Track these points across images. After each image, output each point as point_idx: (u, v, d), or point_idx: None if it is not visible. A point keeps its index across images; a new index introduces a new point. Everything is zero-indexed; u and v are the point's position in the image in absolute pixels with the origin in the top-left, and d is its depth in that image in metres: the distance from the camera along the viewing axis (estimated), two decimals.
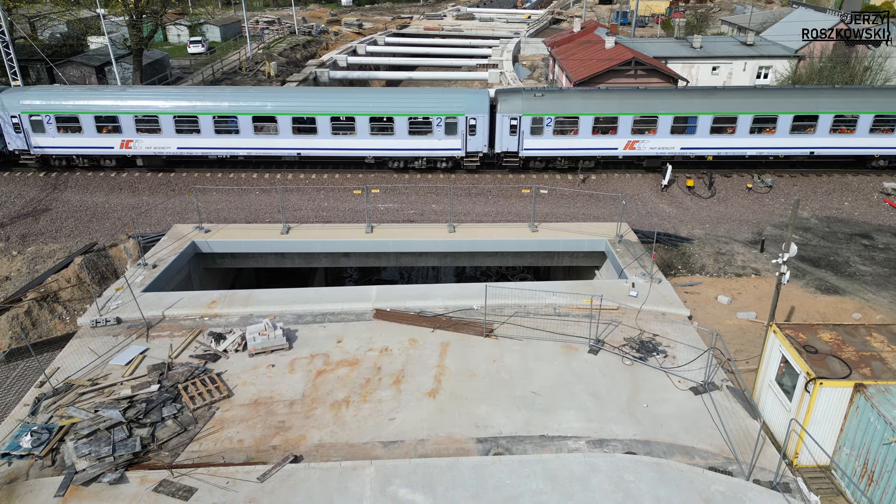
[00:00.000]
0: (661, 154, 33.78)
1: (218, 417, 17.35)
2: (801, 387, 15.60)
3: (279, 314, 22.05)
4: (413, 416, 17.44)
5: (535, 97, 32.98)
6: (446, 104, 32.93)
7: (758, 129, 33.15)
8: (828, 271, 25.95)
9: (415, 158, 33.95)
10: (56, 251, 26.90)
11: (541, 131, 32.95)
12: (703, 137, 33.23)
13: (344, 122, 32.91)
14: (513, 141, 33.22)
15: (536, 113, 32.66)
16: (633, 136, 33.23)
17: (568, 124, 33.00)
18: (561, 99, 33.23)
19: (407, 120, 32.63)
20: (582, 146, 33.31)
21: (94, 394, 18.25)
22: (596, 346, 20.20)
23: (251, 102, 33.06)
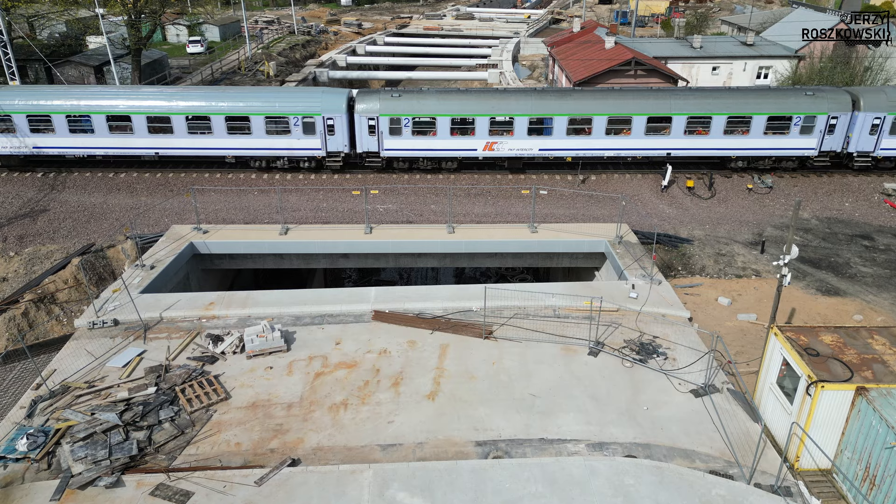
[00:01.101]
0: (520, 155, 33.56)
1: (215, 420, 17.23)
2: (802, 390, 15.49)
3: (277, 316, 21.93)
4: (412, 418, 17.33)
5: (392, 97, 32.77)
6: (303, 103, 32.62)
7: (614, 130, 32.97)
8: (828, 273, 25.85)
9: (276, 158, 33.74)
10: (54, 252, 26.77)
11: (399, 132, 32.77)
12: (561, 139, 33.02)
13: (200, 120, 32.68)
14: (373, 141, 33.06)
15: (394, 113, 32.47)
16: (491, 137, 32.99)
17: (426, 125, 32.81)
18: (418, 100, 32.92)
19: (263, 119, 32.41)
20: (441, 147, 33.15)
21: (90, 396, 18.13)
22: (596, 348, 20.09)
23: (107, 101, 32.60)
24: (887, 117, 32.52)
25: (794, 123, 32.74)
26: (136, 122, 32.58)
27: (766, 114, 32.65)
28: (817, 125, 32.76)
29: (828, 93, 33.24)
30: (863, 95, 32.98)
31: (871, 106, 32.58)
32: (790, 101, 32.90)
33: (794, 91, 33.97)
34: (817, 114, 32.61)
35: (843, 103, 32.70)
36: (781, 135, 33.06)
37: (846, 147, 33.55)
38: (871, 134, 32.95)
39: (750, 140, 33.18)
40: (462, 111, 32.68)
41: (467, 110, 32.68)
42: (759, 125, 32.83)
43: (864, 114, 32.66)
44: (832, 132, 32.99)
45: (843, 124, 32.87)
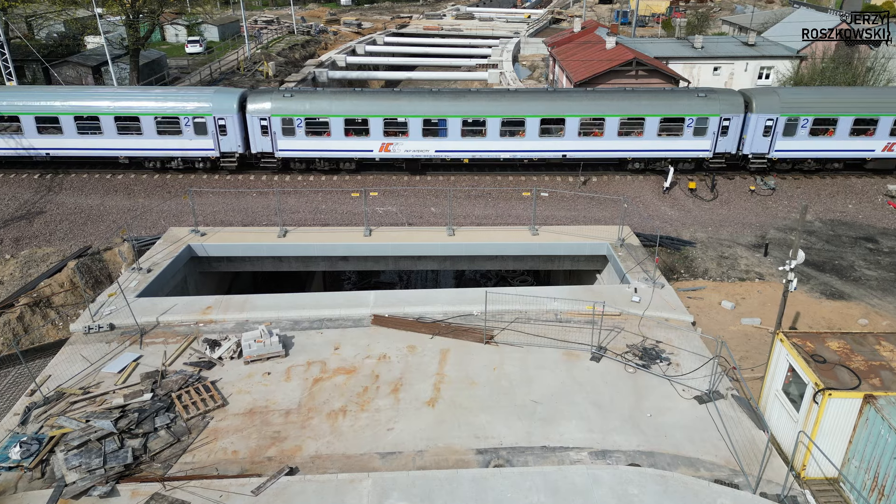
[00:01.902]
0: (417, 157, 33.26)
1: (212, 427, 16.96)
2: (809, 397, 15.22)
3: (275, 320, 21.66)
4: (412, 426, 17.06)
5: (284, 97, 32.37)
6: (193, 103, 32.21)
7: (508, 131, 32.63)
8: (833, 276, 25.59)
9: (170, 159, 33.40)
10: (50, 255, 26.49)
11: (293, 132, 32.44)
12: (456, 140, 32.67)
13: (89, 121, 32.34)
14: (266, 141, 32.73)
15: (286, 113, 32.12)
16: (386, 138, 32.69)
17: (319, 125, 32.48)
18: (311, 100, 32.53)
19: (154, 119, 32.10)
20: (336, 147, 32.88)
21: (85, 403, 17.87)
22: (598, 353, 19.82)
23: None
24: (780, 119, 32.24)
25: (687, 125, 32.44)
26: (24, 122, 32.28)
27: (660, 115, 32.31)
28: (710, 127, 32.47)
29: (720, 94, 32.94)
30: (755, 97, 32.70)
31: (763, 108, 32.30)
32: (683, 103, 32.54)
33: (687, 92, 33.66)
34: (710, 115, 32.30)
35: (735, 105, 32.44)
36: (675, 136, 32.74)
37: (741, 148, 33.31)
38: (764, 135, 32.68)
39: (645, 142, 32.85)
40: (355, 112, 32.28)
41: (360, 111, 32.29)
42: (652, 127, 32.49)
43: (756, 115, 32.38)
44: (725, 134, 32.71)
45: (735, 126, 32.62)
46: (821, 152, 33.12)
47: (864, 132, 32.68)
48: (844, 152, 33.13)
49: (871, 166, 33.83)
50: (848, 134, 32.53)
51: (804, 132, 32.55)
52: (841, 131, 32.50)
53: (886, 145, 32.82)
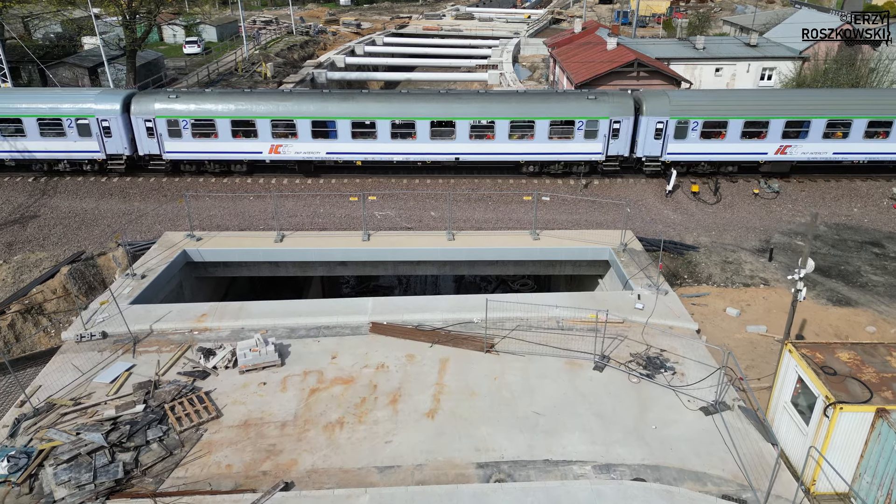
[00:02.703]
0: (308, 158, 32.76)
1: (205, 440, 16.53)
2: (819, 411, 14.80)
3: (271, 328, 21.23)
4: (410, 438, 16.63)
5: (169, 98, 31.84)
6: (76, 105, 31.64)
7: (399, 134, 32.15)
8: (839, 281, 25.16)
9: (56, 161, 32.77)
10: (43, 260, 26.06)
11: (179, 133, 31.88)
12: (346, 142, 32.22)
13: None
14: (153, 143, 32.18)
15: (171, 115, 31.59)
16: (275, 139, 32.15)
17: (206, 126, 31.92)
18: (196, 101, 31.92)
19: (36, 121, 31.55)
20: (224, 149, 32.33)
21: (76, 414, 17.44)
22: (601, 362, 19.39)
23: None
24: (670, 121, 31.79)
25: (577, 128, 32.01)
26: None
27: (549, 118, 31.87)
28: (601, 129, 32.01)
29: (610, 97, 32.53)
30: (645, 100, 32.26)
31: (654, 111, 31.87)
32: (572, 106, 32.09)
33: (577, 95, 33.19)
34: (599, 118, 31.85)
35: (625, 108, 32.02)
36: (567, 139, 32.32)
37: (634, 151, 32.90)
38: (656, 138, 32.24)
39: (536, 144, 32.37)
40: (241, 113, 31.74)
41: (247, 112, 31.76)
42: (543, 129, 32.03)
43: (647, 118, 31.94)
44: (617, 136, 32.27)
45: (626, 129, 32.17)
46: (713, 155, 32.68)
47: (755, 135, 32.21)
48: (737, 155, 32.70)
49: (765, 169, 33.45)
50: (739, 137, 32.11)
51: (695, 135, 32.10)
52: (732, 134, 32.04)
53: (779, 148, 32.39)
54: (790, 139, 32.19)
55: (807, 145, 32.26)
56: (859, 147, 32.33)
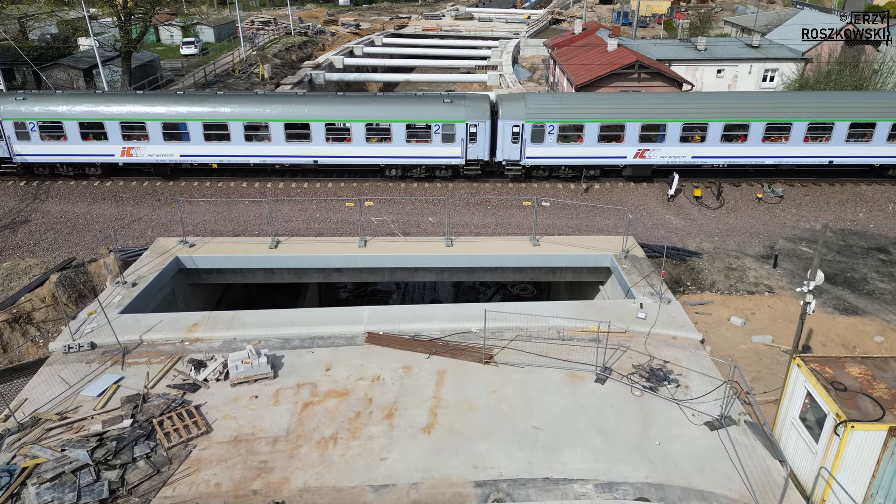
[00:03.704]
0: (162, 161, 32.02)
1: (195, 457, 16.00)
2: (829, 429, 14.28)
3: (265, 338, 20.70)
4: (406, 455, 16.11)
5: (17, 100, 31.03)
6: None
7: (254, 136, 31.52)
8: (845, 289, 24.64)
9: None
10: (32, 267, 25.54)
11: (27, 136, 31.25)
12: (199, 144, 31.46)
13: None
14: (2, 146, 31.48)
15: (18, 117, 30.91)
16: (126, 142, 31.36)
17: (54, 129, 31.18)
18: (44, 103, 31.08)
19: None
20: (74, 152, 31.67)
21: (62, 429, 16.91)
22: (603, 374, 18.87)
23: None
24: (526, 125, 31.20)
25: (434, 132, 31.44)
26: None
27: (405, 121, 31.28)
28: (458, 133, 31.42)
29: (467, 100, 31.95)
30: (502, 103, 31.72)
31: (510, 114, 31.28)
32: (428, 109, 31.50)
33: (434, 98, 32.64)
34: (456, 122, 31.26)
35: (481, 111, 31.42)
36: (425, 143, 31.75)
37: (493, 155, 32.35)
38: (514, 142, 31.65)
39: (394, 148, 31.84)
40: (90, 115, 31.04)
41: (96, 114, 31.03)
42: (399, 133, 31.45)
43: (503, 122, 31.36)
44: (474, 140, 31.70)
45: (483, 132, 31.54)
46: (572, 159, 32.19)
47: (614, 139, 31.73)
48: (596, 159, 32.22)
49: (626, 173, 33.04)
50: (597, 141, 31.64)
51: (552, 139, 31.56)
52: (589, 138, 31.56)
53: (637, 152, 31.90)
54: (648, 143, 31.74)
55: (665, 149, 31.82)
56: (717, 151, 31.93)
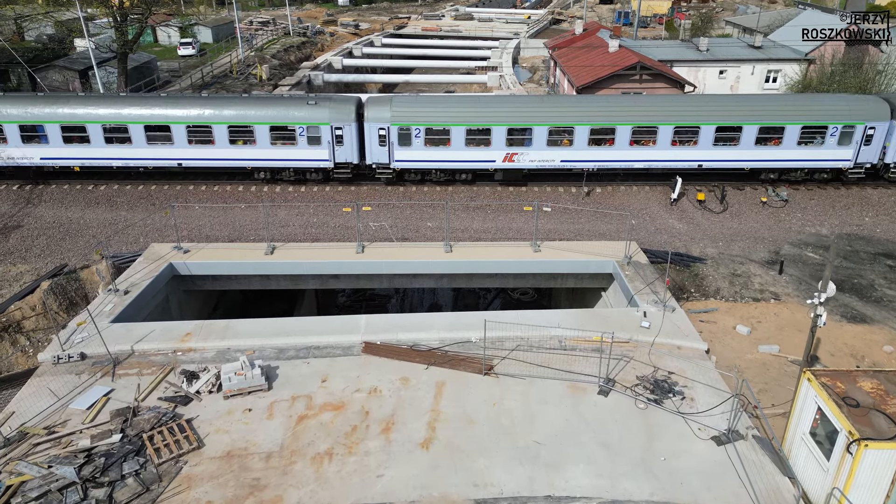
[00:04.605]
0: (21, 164, 31.42)
1: (185, 474, 15.50)
2: (841, 447, 13.78)
3: (259, 348, 20.21)
4: (404, 472, 15.61)
5: None
6: None
7: (114, 138, 30.88)
8: (853, 296, 24.13)
9: None
10: (24, 273, 25.05)
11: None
12: (59, 147, 30.81)
13: None
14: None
15: None
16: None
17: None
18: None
19: None
20: None
21: (49, 444, 16.43)
22: (606, 386, 18.37)
23: None
24: (392, 128, 30.65)
25: (299, 134, 30.86)
26: None
27: (269, 123, 30.72)
28: (323, 135, 30.90)
29: (332, 102, 31.35)
30: (367, 105, 31.16)
31: (375, 117, 30.69)
32: (291, 111, 30.89)
33: (298, 100, 32.06)
34: (320, 123, 30.71)
35: (346, 113, 30.86)
36: (291, 145, 31.18)
37: (364, 159, 31.86)
38: (381, 145, 31.09)
39: (258, 150, 31.21)
40: None
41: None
42: (263, 135, 30.86)
43: (369, 124, 30.82)
44: (341, 143, 31.19)
45: (350, 134, 30.99)
46: (440, 162, 31.59)
47: (482, 143, 31.14)
48: (464, 163, 31.62)
49: (499, 177, 32.53)
50: (464, 144, 31.06)
51: (420, 142, 30.97)
52: (457, 142, 30.97)
53: (506, 156, 31.36)
54: (516, 147, 31.21)
55: (534, 153, 31.28)
56: (585, 155, 31.43)
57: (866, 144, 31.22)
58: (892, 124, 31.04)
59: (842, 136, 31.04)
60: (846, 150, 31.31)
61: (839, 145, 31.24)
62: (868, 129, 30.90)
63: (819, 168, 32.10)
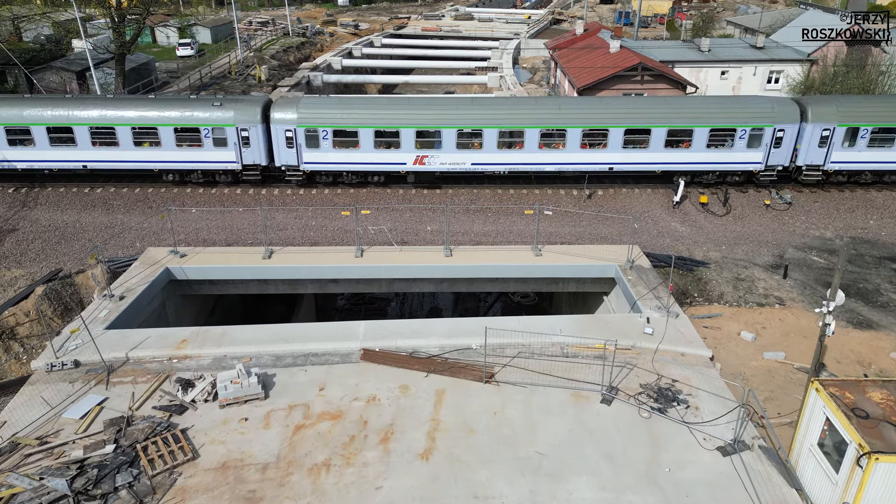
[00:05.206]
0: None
1: (179, 486, 15.18)
2: (851, 459, 13.44)
3: (256, 355, 19.87)
4: (403, 483, 15.28)
5: None
6: None
7: (16, 140, 30.76)
8: (858, 301, 23.80)
9: None
10: (18, 278, 24.73)
11: None
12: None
13: None
14: None
15: None
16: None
17: None
18: None
19: None
20: None
21: (41, 455, 16.10)
22: (609, 395, 18.04)
23: None
24: (298, 130, 30.33)
25: (204, 136, 30.52)
26: None
27: (172, 125, 30.34)
28: (229, 137, 30.49)
29: (238, 103, 31.00)
30: (273, 107, 30.76)
31: (282, 118, 30.32)
32: (196, 112, 30.51)
33: (203, 101, 31.54)
34: (225, 125, 30.36)
35: (252, 114, 30.43)
36: (196, 147, 30.75)
37: (272, 160, 31.48)
38: (289, 147, 30.68)
39: (163, 152, 30.86)
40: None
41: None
42: (168, 137, 30.48)
43: (275, 126, 30.46)
44: (248, 144, 30.76)
45: (256, 137, 30.61)
46: (350, 165, 31.32)
47: (392, 145, 30.83)
48: (375, 165, 31.35)
49: (411, 180, 32.29)
50: (374, 147, 30.78)
51: (328, 144, 30.62)
52: (366, 144, 30.67)
53: (416, 158, 31.07)
54: (426, 150, 30.87)
55: (444, 156, 30.98)
56: (495, 158, 31.09)
57: (776, 147, 30.98)
58: (803, 127, 30.79)
59: (751, 139, 30.78)
60: (756, 153, 31.05)
61: (749, 148, 30.97)
62: (777, 131, 30.65)
63: (731, 171, 31.80)
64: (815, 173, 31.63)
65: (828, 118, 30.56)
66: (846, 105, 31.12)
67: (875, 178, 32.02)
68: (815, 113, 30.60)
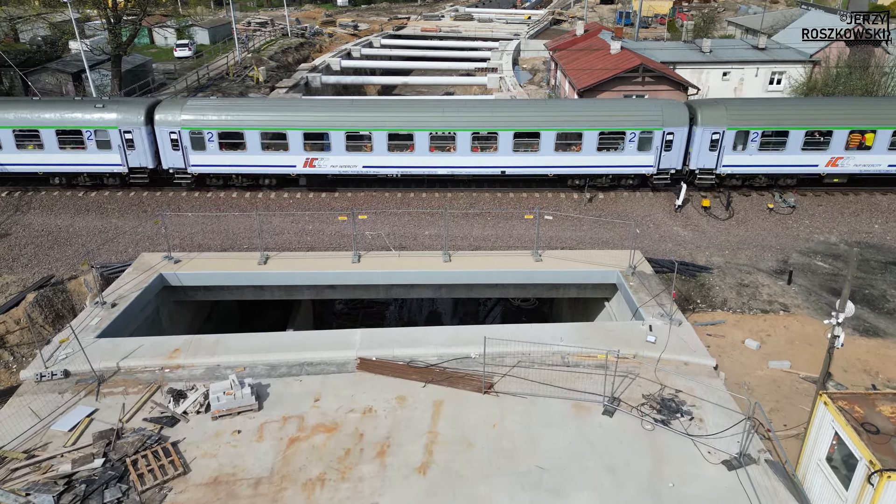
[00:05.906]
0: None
1: (170, 502, 14.76)
2: (861, 476, 13.03)
3: (250, 364, 19.46)
4: (399, 499, 14.87)
5: None
6: None
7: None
8: (864, 307, 23.37)
9: None
10: (9, 285, 24.31)
11: None
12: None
13: None
14: None
15: None
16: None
17: None
18: None
19: None
20: None
21: (29, 469, 15.68)
22: (611, 406, 17.62)
23: None
24: (183, 132, 29.83)
25: (87, 138, 29.87)
26: None
27: (53, 127, 29.67)
28: (112, 139, 29.92)
29: (121, 104, 30.34)
30: (158, 108, 30.18)
31: (165, 120, 29.81)
32: (77, 114, 29.86)
33: (84, 103, 30.80)
34: (108, 127, 29.79)
35: (135, 116, 29.85)
36: (80, 150, 30.10)
37: (159, 163, 30.97)
38: (174, 149, 30.19)
39: (45, 155, 30.16)
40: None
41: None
42: (50, 139, 29.80)
43: (159, 128, 29.97)
44: (133, 147, 30.16)
45: (140, 138, 30.01)
46: (238, 167, 30.84)
47: (280, 147, 30.46)
48: (263, 167, 30.94)
49: (302, 182, 31.86)
50: (261, 149, 30.33)
51: (214, 146, 30.11)
52: (252, 146, 30.20)
53: (307, 161, 30.63)
54: (316, 152, 30.49)
55: (334, 158, 30.57)
56: (386, 160, 30.75)
57: (667, 150, 30.62)
58: (694, 130, 30.43)
59: (641, 142, 30.42)
60: (647, 156, 30.69)
61: (640, 151, 30.61)
62: (667, 134, 30.27)
63: (623, 174, 31.47)
64: (709, 177, 31.29)
65: (717, 122, 30.17)
66: (735, 108, 30.72)
67: (769, 181, 31.64)
68: (705, 116, 30.24)
